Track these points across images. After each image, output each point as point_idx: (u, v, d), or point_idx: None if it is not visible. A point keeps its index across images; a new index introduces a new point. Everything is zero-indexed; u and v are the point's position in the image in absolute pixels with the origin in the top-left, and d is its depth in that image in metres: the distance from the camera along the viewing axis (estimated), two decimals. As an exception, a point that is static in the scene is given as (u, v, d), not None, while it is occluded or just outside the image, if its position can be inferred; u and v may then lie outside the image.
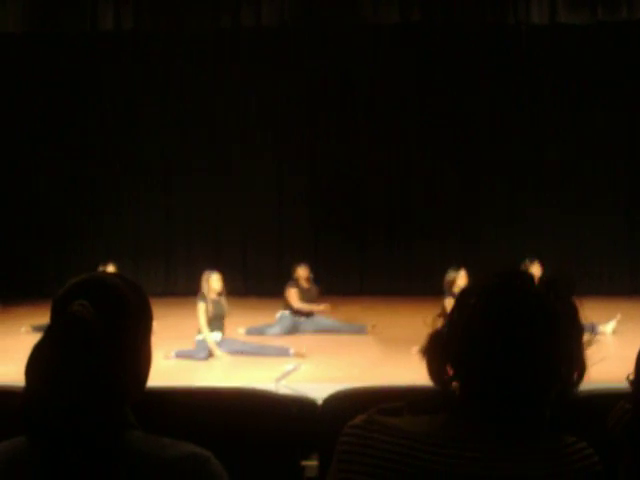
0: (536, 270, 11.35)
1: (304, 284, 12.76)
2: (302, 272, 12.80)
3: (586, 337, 1.76)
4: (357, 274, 16.18)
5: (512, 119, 15.88)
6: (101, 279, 1.90)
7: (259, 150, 16.11)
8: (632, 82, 15.35)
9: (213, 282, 11.05)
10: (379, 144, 16.00)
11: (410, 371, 7.24)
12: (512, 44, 15.48)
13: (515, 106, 15.79)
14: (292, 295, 12.60)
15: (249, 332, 12.10)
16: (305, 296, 12.67)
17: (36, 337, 1.72)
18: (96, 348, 1.67)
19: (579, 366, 1.75)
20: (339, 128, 16.12)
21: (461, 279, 11.15)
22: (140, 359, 1.88)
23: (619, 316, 11.87)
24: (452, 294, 10.92)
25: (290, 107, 15.98)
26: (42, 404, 1.64)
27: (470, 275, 11.05)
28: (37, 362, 1.68)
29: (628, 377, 2.01)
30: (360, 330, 12.24)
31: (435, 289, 11.71)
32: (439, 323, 1.81)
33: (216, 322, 10.93)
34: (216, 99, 16.04)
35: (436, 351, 1.80)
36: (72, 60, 15.92)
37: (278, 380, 8.73)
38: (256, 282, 15.81)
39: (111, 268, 11.98)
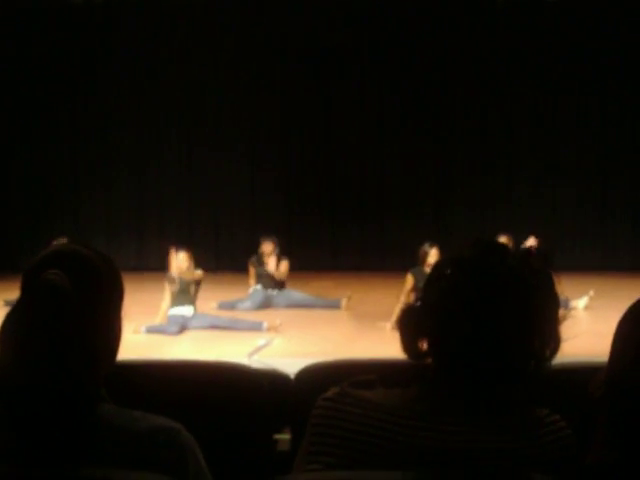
0: (510, 245, 11.38)
1: (267, 260, 12.75)
2: (265, 248, 12.79)
3: (561, 312, 1.75)
4: (329, 250, 16.16)
5: (486, 94, 15.86)
6: (74, 250, 1.87)
7: (231, 125, 16.02)
8: (607, 57, 15.36)
9: (179, 261, 11.12)
10: (352, 120, 15.96)
11: (384, 346, 7.29)
12: (487, 17, 15.47)
13: (489, 82, 15.77)
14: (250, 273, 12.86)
15: (221, 306, 12.10)
16: (265, 272, 12.67)
17: (9, 311, 1.69)
18: (70, 316, 1.65)
19: (553, 341, 1.74)
20: (311, 103, 16.04)
21: (432, 257, 11.17)
22: (112, 331, 1.86)
23: (592, 292, 11.93)
24: (421, 268, 10.98)
25: (262, 80, 15.86)
26: (15, 375, 1.62)
27: (442, 253, 11.07)
28: (9, 331, 1.65)
29: None
30: (334, 305, 12.23)
31: (407, 266, 11.70)
32: (412, 297, 1.80)
33: (184, 296, 10.95)
34: (188, 71, 15.92)
35: (410, 324, 1.79)
36: (43, 33, 15.74)
37: (250, 355, 8.73)
38: (229, 258, 15.77)
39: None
